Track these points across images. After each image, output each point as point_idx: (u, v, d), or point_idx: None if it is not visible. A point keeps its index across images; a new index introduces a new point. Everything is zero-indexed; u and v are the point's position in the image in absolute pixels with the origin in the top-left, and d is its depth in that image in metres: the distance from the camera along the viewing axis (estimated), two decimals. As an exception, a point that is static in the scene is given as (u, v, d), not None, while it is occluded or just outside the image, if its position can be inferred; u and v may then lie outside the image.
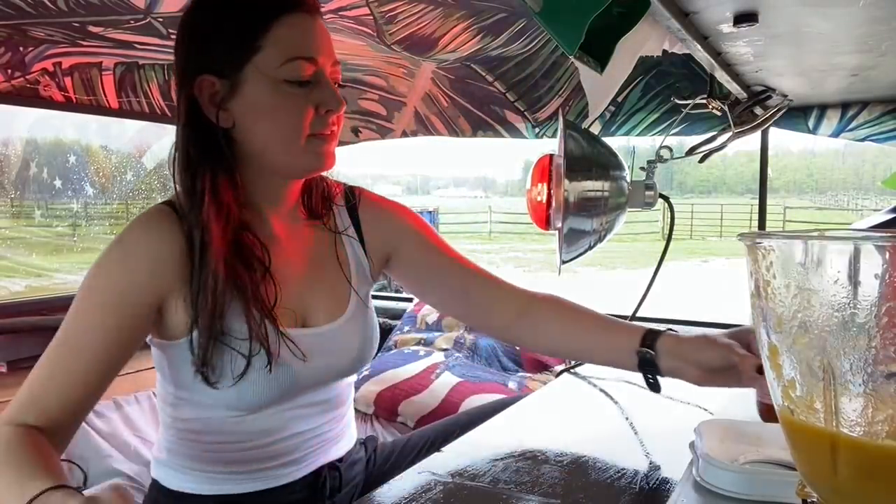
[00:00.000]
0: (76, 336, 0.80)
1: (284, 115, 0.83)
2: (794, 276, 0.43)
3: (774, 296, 0.44)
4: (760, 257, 0.45)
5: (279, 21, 0.82)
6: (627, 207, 1.19)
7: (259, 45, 0.81)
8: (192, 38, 0.85)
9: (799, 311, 0.43)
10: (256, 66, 0.82)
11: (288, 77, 0.82)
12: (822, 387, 0.42)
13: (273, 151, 0.86)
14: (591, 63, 0.89)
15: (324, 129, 0.86)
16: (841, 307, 0.41)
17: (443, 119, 1.95)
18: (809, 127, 1.55)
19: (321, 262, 0.97)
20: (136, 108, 1.79)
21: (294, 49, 0.82)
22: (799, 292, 0.43)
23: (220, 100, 0.83)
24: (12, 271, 3.95)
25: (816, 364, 0.42)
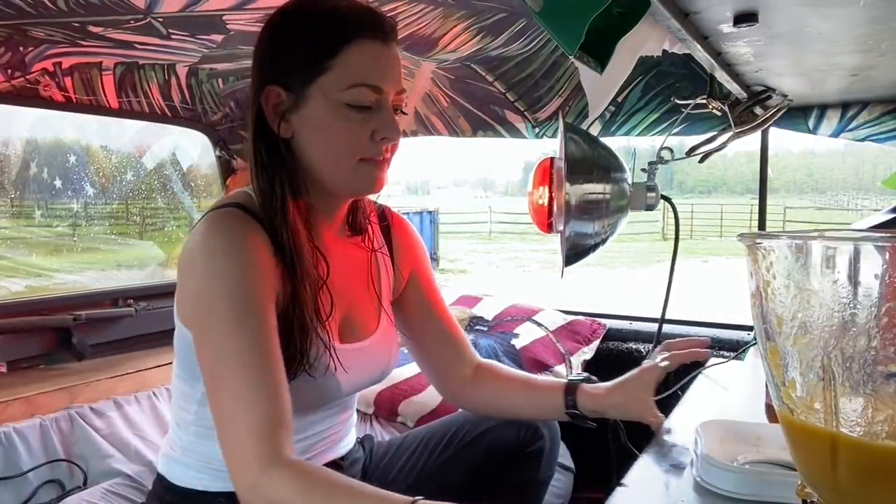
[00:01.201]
0: (248, 349, 0.77)
1: (339, 137, 0.85)
2: (794, 276, 0.43)
3: (774, 296, 0.44)
4: (760, 258, 0.45)
5: (351, 46, 0.84)
6: (629, 209, 1.19)
7: (328, 67, 0.84)
8: (268, 49, 0.88)
9: (799, 312, 0.43)
10: (321, 86, 0.84)
11: (350, 101, 0.84)
12: (822, 387, 0.42)
13: (323, 169, 0.88)
14: (591, 63, 0.89)
15: (376, 155, 0.88)
16: (841, 307, 0.41)
17: (443, 119, 1.95)
18: (809, 127, 1.55)
19: (359, 277, 1.01)
20: (136, 108, 1.79)
21: (361, 75, 0.84)
22: (799, 292, 0.43)
23: (284, 111, 0.86)
24: (12, 271, 3.95)
25: (817, 364, 0.42)
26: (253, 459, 0.73)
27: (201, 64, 1.70)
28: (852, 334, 0.41)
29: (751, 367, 1.30)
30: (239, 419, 0.74)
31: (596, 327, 1.94)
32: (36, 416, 1.44)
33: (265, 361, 0.77)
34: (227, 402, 0.76)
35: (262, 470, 0.72)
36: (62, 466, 1.44)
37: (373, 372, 1.00)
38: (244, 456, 0.73)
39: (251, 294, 0.79)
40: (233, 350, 0.76)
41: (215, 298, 0.78)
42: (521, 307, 2.08)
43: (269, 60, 0.88)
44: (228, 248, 0.80)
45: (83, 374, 1.61)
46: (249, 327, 0.77)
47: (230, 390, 0.75)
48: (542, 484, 1.14)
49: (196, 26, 1.36)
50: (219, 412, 0.77)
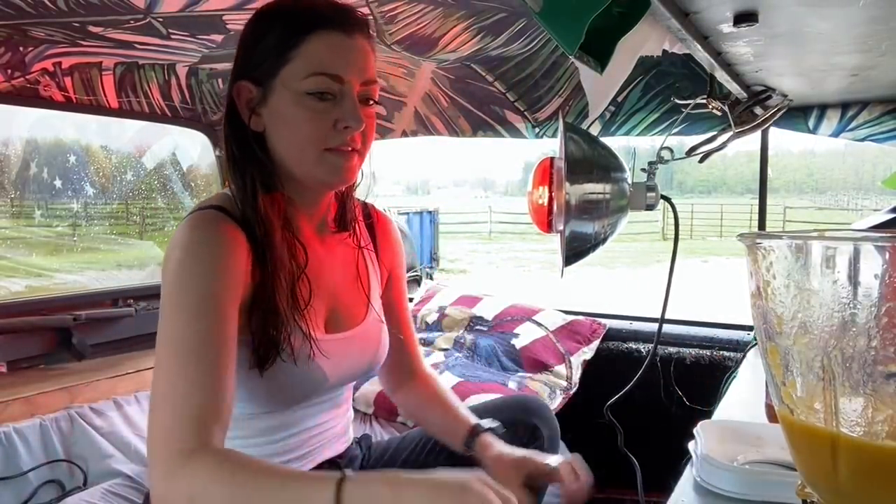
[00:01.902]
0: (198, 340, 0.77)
1: (301, 127, 0.87)
2: (794, 276, 0.43)
3: (775, 296, 0.44)
4: (760, 258, 0.45)
5: (311, 37, 0.86)
6: (629, 209, 1.19)
7: (289, 58, 0.86)
8: (241, 45, 0.91)
9: (799, 312, 0.43)
10: (284, 78, 0.86)
11: (310, 90, 0.86)
12: (822, 387, 0.42)
13: (290, 159, 0.89)
14: (591, 63, 0.89)
15: (341, 145, 0.88)
16: (841, 307, 0.41)
17: (443, 119, 1.95)
18: (809, 127, 1.55)
19: (345, 272, 1.02)
20: (136, 108, 1.79)
21: (320, 65, 0.86)
22: (799, 293, 0.43)
23: (254, 105, 0.89)
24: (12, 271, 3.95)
25: (817, 364, 0.42)
26: (175, 448, 0.71)
27: (201, 64, 1.70)
28: (852, 334, 0.40)
29: (751, 367, 1.30)
30: (170, 405, 0.74)
31: (596, 327, 1.94)
32: (36, 416, 1.44)
33: (212, 355, 0.77)
34: (164, 388, 0.75)
35: (182, 459, 0.70)
36: (62, 466, 1.44)
37: (360, 363, 1.01)
38: (166, 444, 0.71)
39: (213, 291, 0.80)
40: (181, 339, 0.77)
41: (177, 291, 0.79)
42: (521, 307, 2.08)
43: (240, 56, 0.91)
44: (198, 247, 0.81)
45: (83, 374, 1.61)
46: (204, 321, 0.78)
47: (169, 377, 0.75)
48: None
49: (196, 26, 1.36)
50: (154, 399, 0.76)
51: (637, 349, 1.85)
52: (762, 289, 0.45)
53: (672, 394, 1.72)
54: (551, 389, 1.77)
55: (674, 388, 1.71)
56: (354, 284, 1.03)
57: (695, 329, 1.82)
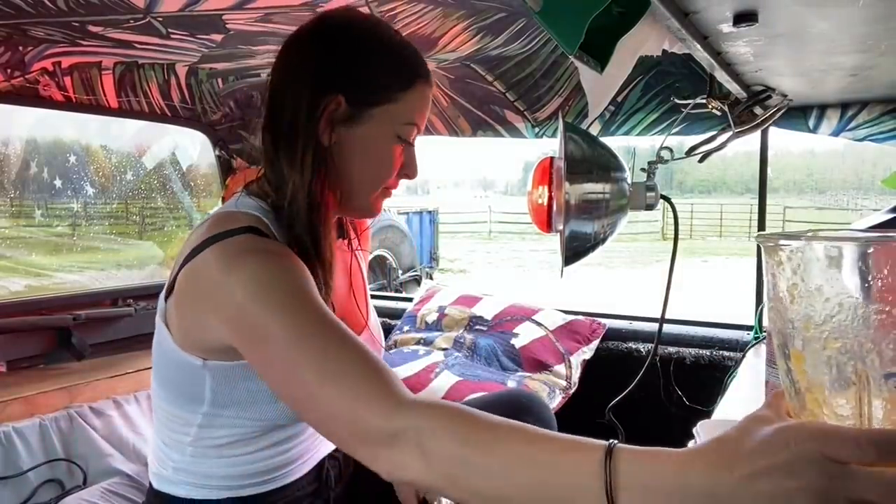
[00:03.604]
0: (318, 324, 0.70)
1: (382, 163, 0.90)
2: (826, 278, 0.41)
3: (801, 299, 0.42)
4: (786, 259, 0.43)
5: (419, 84, 0.89)
6: (629, 209, 1.19)
7: (397, 98, 0.87)
8: (343, 55, 0.87)
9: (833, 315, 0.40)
10: (387, 113, 0.87)
11: (402, 134, 0.89)
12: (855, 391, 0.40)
13: (352, 186, 0.89)
14: (591, 63, 0.89)
15: (393, 187, 0.93)
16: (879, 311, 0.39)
17: (443, 119, 1.95)
18: (809, 127, 1.55)
19: (346, 276, 1.03)
20: (135, 108, 1.79)
21: (416, 114, 0.90)
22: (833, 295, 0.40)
23: (335, 120, 0.86)
24: (12, 271, 3.95)
25: (849, 369, 0.40)
26: (382, 408, 0.61)
27: (201, 63, 1.70)
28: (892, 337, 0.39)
29: (751, 367, 1.30)
30: (337, 391, 0.64)
31: (595, 327, 1.94)
32: (35, 416, 1.44)
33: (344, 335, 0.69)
34: (317, 385, 0.66)
35: (399, 409, 0.61)
36: (62, 466, 1.44)
37: None
38: (370, 411, 0.61)
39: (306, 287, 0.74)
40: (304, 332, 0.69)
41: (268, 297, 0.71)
42: (520, 307, 2.08)
43: (338, 68, 0.86)
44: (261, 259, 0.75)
45: (83, 374, 1.61)
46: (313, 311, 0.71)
47: (317, 373, 0.66)
48: None
49: (196, 26, 1.36)
50: (312, 404, 0.67)
51: (637, 349, 1.85)
52: (786, 292, 0.43)
53: (672, 393, 1.72)
54: (550, 389, 1.77)
55: (673, 387, 1.71)
56: (349, 288, 1.03)
57: (694, 329, 1.82)
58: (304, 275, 0.77)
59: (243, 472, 0.92)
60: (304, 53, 0.88)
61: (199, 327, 0.81)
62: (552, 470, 0.54)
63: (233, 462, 0.91)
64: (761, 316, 1.63)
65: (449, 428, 0.59)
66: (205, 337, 0.80)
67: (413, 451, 0.59)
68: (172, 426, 0.92)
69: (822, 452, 0.40)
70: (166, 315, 0.86)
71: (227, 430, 0.89)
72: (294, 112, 0.85)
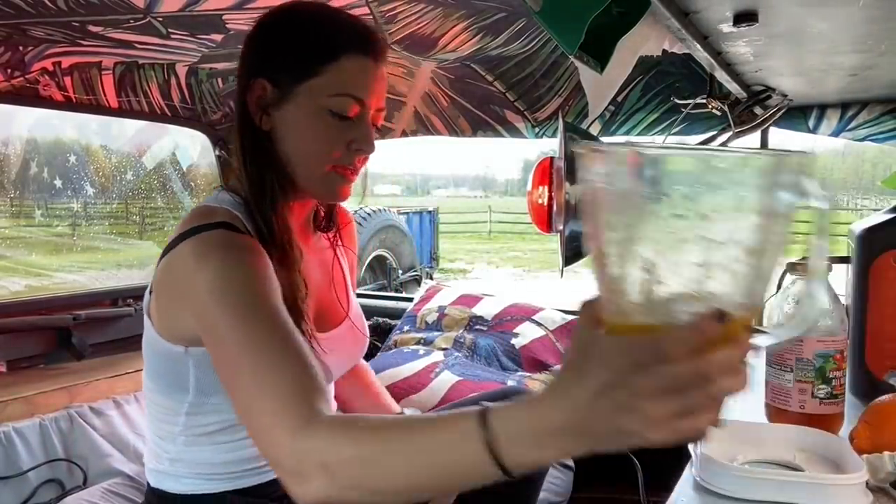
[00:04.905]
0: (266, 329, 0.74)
1: (315, 140, 0.88)
2: (629, 184, 0.45)
3: (608, 202, 0.47)
4: (599, 163, 0.47)
5: (345, 56, 0.87)
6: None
7: (320, 71, 0.86)
8: (261, 41, 0.91)
9: (634, 219, 0.45)
10: (310, 88, 0.87)
11: (333, 108, 0.87)
12: (646, 283, 0.45)
13: (296, 167, 0.90)
14: (591, 63, 0.89)
15: (348, 165, 0.91)
16: (675, 215, 0.44)
17: (443, 119, 1.95)
18: (809, 127, 1.55)
19: (323, 271, 1.03)
20: (135, 108, 1.79)
21: (348, 86, 0.87)
22: (636, 198, 0.45)
23: (266, 105, 0.88)
24: (12, 271, 3.96)
25: (643, 262, 0.45)
26: (291, 427, 0.66)
27: (201, 63, 1.70)
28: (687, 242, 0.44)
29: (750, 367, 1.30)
30: (267, 395, 0.69)
31: (596, 327, 1.94)
32: (35, 416, 1.44)
33: (285, 341, 0.74)
34: (251, 386, 0.71)
35: (302, 433, 0.65)
36: (62, 466, 1.44)
37: (351, 357, 1.05)
38: (280, 428, 0.66)
39: (261, 290, 0.78)
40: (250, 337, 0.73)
41: (226, 306, 0.76)
42: (520, 307, 2.08)
43: (260, 54, 0.90)
44: (226, 253, 0.79)
45: (83, 374, 1.61)
46: (263, 315, 0.75)
47: (254, 374, 0.71)
48: (532, 481, 1.13)
49: (196, 26, 1.36)
50: (244, 402, 0.72)
51: (637, 349, 1.85)
52: (595, 194, 0.47)
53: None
54: (551, 389, 1.77)
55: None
56: (332, 282, 1.04)
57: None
58: (265, 274, 0.80)
59: (239, 458, 0.92)
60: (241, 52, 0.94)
61: (176, 317, 0.85)
62: (440, 446, 0.59)
63: (227, 448, 0.92)
64: (761, 316, 1.63)
65: (343, 438, 0.63)
66: (182, 326, 0.84)
67: (317, 472, 0.63)
68: (163, 417, 0.93)
69: (632, 361, 0.47)
70: (149, 307, 0.90)
71: (215, 417, 0.90)
72: (236, 105, 0.91)
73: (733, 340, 0.47)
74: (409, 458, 0.61)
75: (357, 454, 0.62)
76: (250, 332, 0.74)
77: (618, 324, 0.49)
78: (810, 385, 0.87)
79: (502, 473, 0.56)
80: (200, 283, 0.77)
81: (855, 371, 1.03)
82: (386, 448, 0.62)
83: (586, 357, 0.50)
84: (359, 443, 0.63)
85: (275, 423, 0.67)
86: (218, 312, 0.75)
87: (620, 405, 0.48)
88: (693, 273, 0.45)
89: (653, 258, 0.45)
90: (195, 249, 0.80)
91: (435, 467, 0.60)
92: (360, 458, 0.62)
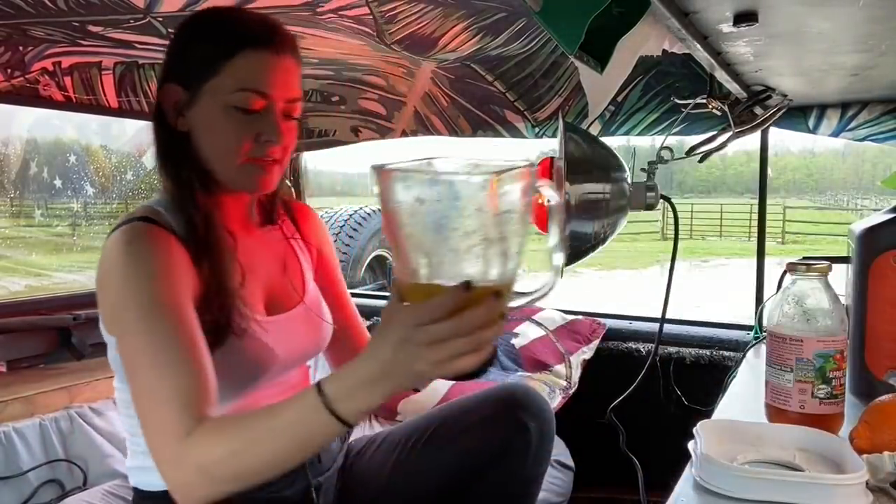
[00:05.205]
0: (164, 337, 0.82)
1: (224, 137, 0.93)
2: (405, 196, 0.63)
3: (404, 211, 0.63)
4: (394, 183, 0.63)
5: (242, 54, 0.91)
6: (629, 209, 1.19)
7: (218, 70, 0.91)
8: (171, 48, 0.97)
9: (417, 222, 0.63)
10: (213, 87, 0.92)
11: (236, 104, 0.91)
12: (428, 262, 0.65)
13: (213, 164, 0.95)
14: (591, 63, 0.89)
15: (261, 156, 0.94)
16: (440, 218, 0.62)
17: (443, 119, 1.95)
18: (809, 127, 1.55)
19: (276, 261, 1.07)
20: (135, 108, 1.79)
21: (248, 81, 0.91)
22: (421, 208, 0.62)
23: (181, 108, 0.94)
24: (12, 271, 3.96)
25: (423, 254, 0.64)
26: (176, 436, 0.76)
27: (201, 63, 1.70)
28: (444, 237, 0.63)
29: (751, 367, 1.30)
30: (159, 403, 0.78)
31: (596, 327, 1.94)
32: (36, 416, 1.44)
33: (181, 350, 0.81)
34: (147, 391, 0.80)
35: (184, 441, 0.75)
36: (62, 466, 1.44)
37: (307, 341, 1.06)
38: (167, 436, 0.76)
39: (164, 293, 0.84)
40: (147, 344, 0.81)
41: (130, 302, 0.83)
42: (520, 307, 2.07)
43: (170, 60, 0.97)
44: (138, 255, 0.86)
45: (83, 374, 1.61)
46: (163, 322, 0.82)
47: (148, 380, 0.80)
48: (531, 480, 1.13)
49: (196, 26, 1.36)
50: (140, 405, 0.80)
51: (637, 349, 1.85)
52: (396, 205, 0.63)
53: (671, 393, 1.72)
54: (551, 389, 1.77)
55: (673, 387, 1.71)
56: (285, 270, 1.08)
57: (694, 329, 1.82)
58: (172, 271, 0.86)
59: None
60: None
61: (103, 306, 0.91)
62: (294, 422, 0.74)
63: None
64: (761, 316, 1.63)
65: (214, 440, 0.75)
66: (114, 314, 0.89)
67: (197, 476, 0.75)
68: (126, 410, 0.97)
69: (415, 323, 0.65)
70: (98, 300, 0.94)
71: None
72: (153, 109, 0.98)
73: (482, 304, 0.64)
74: (274, 440, 0.74)
75: (229, 450, 0.74)
76: (147, 340, 0.81)
77: (408, 294, 0.67)
78: (810, 385, 0.87)
79: (343, 426, 0.72)
80: (113, 277, 0.86)
81: (855, 371, 1.03)
82: (252, 438, 0.74)
83: (386, 323, 0.69)
84: (229, 440, 0.75)
85: (163, 435, 0.77)
86: (123, 317, 0.84)
87: (412, 354, 0.66)
88: (452, 257, 0.64)
89: (427, 248, 0.64)
90: (114, 242, 0.88)
91: (295, 440, 0.74)
92: (232, 452, 0.74)
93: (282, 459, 0.75)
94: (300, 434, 0.74)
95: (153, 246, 0.87)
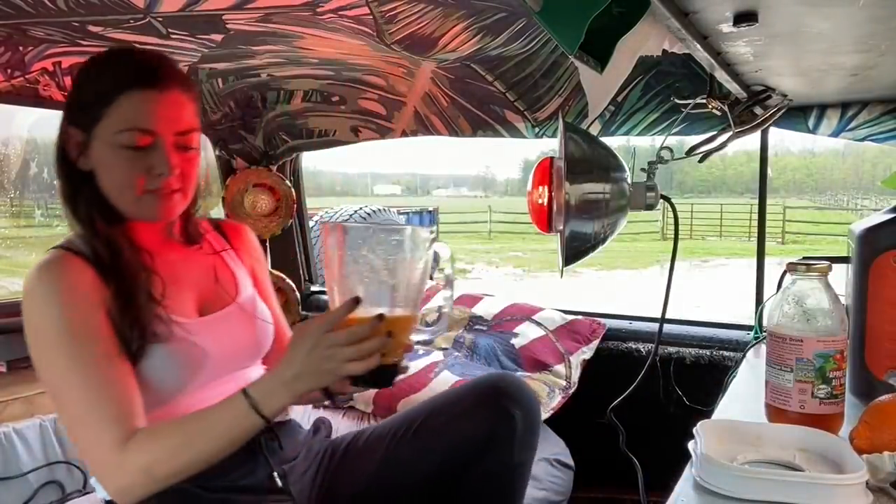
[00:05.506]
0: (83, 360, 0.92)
1: (119, 174, 0.99)
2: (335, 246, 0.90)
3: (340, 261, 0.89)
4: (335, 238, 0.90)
5: (122, 96, 0.96)
6: (629, 209, 1.19)
7: (103, 114, 0.97)
8: (69, 93, 1.03)
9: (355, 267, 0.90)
10: (99, 131, 0.98)
11: (123, 143, 0.97)
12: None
13: (113, 199, 1.01)
14: (591, 63, 0.89)
15: (158, 188, 1.00)
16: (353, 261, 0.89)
17: (443, 119, 1.95)
18: (809, 127, 1.55)
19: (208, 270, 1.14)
20: (135, 108, 1.79)
21: (130, 121, 0.97)
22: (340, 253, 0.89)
23: (81, 149, 1.00)
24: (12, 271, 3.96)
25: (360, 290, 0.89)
26: (113, 447, 0.87)
27: (201, 64, 1.70)
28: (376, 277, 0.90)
29: (750, 367, 1.30)
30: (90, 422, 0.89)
31: (595, 327, 1.94)
32: (36, 417, 1.44)
33: (101, 365, 0.91)
34: (75, 412, 0.91)
35: (123, 449, 0.87)
36: (62, 468, 1.44)
37: (243, 339, 1.11)
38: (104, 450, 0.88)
39: (75, 318, 0.92)
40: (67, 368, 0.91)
41: (43, 336, 0.93)
42: (520, 306, 2.08)
43: (68, 104, 1.03)
44: (47, 289, 0.94)
45: (83, 374, 1.60)
46: (78, 351, 0.91)
47: (76, 402, 0.90)
48: (518, 467, 1.13)
49: (195, 26, 1.36)
50: (71, 426, 0.93)
51: (637, 349, 1.85)
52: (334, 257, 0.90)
53: (671, 393, 1.72)
54: (550, 389, 1.77)
55: (673, 387, 1.71)
56: (216, 278, 1.13)
57: (694, 329, 1.82)
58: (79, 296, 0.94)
59: None
60: None
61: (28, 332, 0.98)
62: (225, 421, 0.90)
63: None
64: (761, 316, 1.63)
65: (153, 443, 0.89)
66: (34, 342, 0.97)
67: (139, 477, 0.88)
68: None
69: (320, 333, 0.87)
70: None
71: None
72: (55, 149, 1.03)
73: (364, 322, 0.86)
74: (207, 440, 0.90)
75: (168, 451, 0.89)
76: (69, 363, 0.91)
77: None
78: (810, 385, 0.87)
79: (265, 421, 0.90)
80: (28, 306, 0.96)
81: (855, 371, 1.03)
82: (188, 439, 0.89)
83: (299, 334, 0.90)
84: (167, 440, 0.89)
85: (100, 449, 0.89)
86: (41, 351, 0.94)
87: (320, 356, 0.86)
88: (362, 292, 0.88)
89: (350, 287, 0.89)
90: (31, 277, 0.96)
91: (226, 436, 0.90)
92: (171, 450, 0.89)
93: (214, 452, 0.90)
94: (230, 429, 0.90)
95: (64, 272, 0.95)
